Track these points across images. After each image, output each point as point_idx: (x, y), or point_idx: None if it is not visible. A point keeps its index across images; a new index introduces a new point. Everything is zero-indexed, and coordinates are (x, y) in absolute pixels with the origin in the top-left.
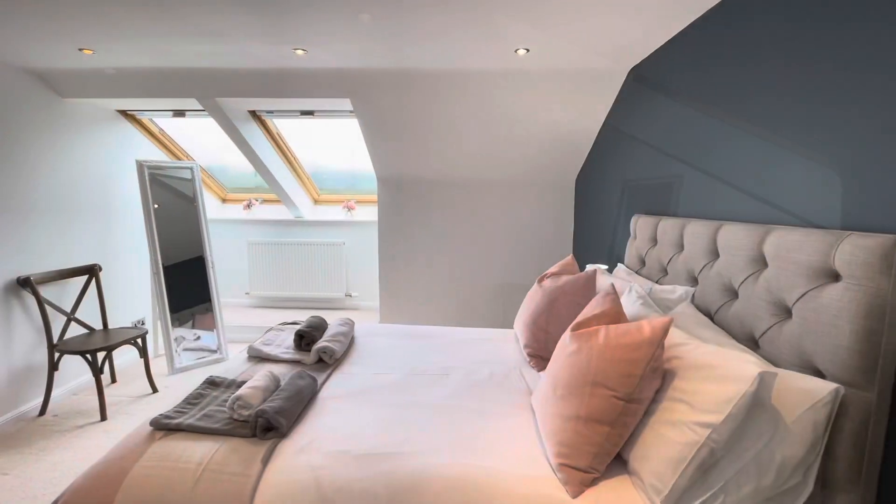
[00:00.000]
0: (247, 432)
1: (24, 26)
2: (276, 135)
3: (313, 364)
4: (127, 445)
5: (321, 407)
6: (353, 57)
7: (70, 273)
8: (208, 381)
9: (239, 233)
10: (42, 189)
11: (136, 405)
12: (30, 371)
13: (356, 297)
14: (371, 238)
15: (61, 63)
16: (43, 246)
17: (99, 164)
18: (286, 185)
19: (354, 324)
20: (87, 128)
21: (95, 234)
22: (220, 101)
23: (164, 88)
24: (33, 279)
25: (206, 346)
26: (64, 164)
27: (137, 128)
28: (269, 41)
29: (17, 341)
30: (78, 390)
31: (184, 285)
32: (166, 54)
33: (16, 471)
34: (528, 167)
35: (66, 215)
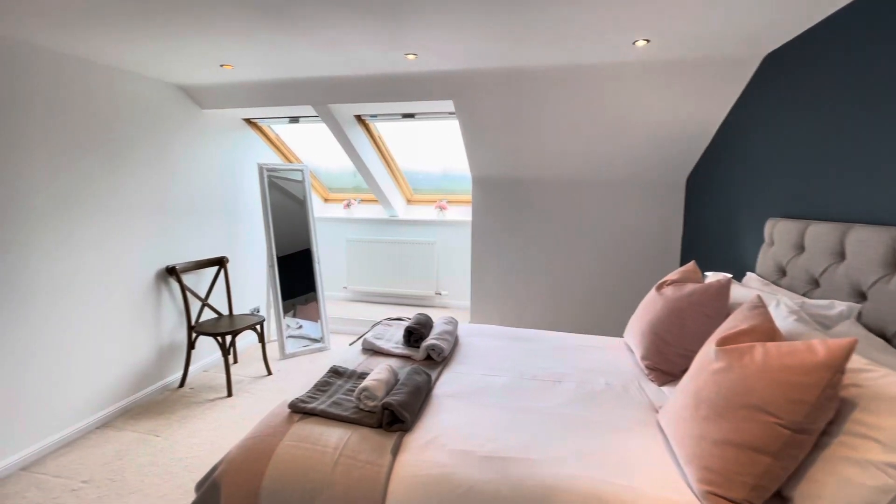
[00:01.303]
0: (373, 422)
1: (177, 48)
2: (377, 137)
3: (422, 360)
4: (271, 424)
5: (437, 404)
6: (460, 59)
7: (204, 264)
8: (332, 370)
9: (338, 230)
10: (184, 190)
11: (254, 385)
12: (172, 348)
13: (445, 295)
14: (461, 237)
15: (204, 79)
16: (184, 240)
17: (227, 168)
18: (384, 185)
19: (458, 323)
20: (219, 135)
21: (223, 229)
22: (331, 108)
23: (285, 97)
24: (178, 268)
25: (307, 335)
26: (201, 168)
27: (258, 134)
28: (382, 48)
29: (164, 321)
30: (208, 367)
31: (289, 278)
32: (289, 66)
33: (164, 434)
34: (634, 165)
35: (202, 213)
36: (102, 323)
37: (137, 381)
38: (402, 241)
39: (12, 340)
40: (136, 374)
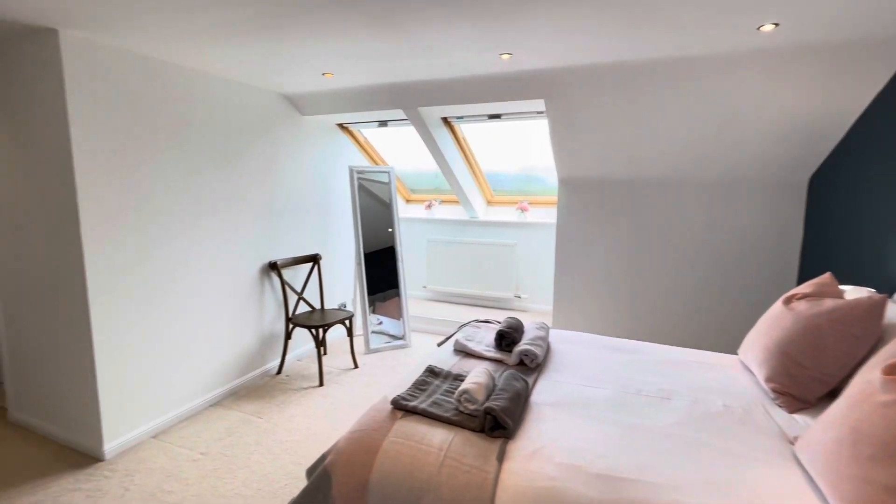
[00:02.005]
0: (475, 426)
1: (285, 60)
2: (462, 139)
3: (515, 365)
4: (375, 419)
5: (538, 413)
6: (556, 56)
7: (300, 260)
8: (429, 369)
9: (420, 231)
10: (285, 191)
11: (343, 377)
12: (272, 337)
13: (525, 298)
14: (543, 240)
15: (305, 87)
16: (284, 237)
17: (321, 170)
18: (465, 186)
19: (549, 328)
20: (316, 139)
21: (317, 228)
22: (420, 110)
23: (378, 102)
24: (279, 264)
25: (386, 331)
26: (299, 171)
27: (349, 138)
28: (477, 49)
29: (265, 312)
30: (301, 357)
31: (372, 275)
32: (384, 72)
33: (265, 416)
34: (744, 164)
35: (299, 212)
36: (216, 312)
37: (243, 366)
38: (482, 242)
39: (147, 327)
40: (242, 359)
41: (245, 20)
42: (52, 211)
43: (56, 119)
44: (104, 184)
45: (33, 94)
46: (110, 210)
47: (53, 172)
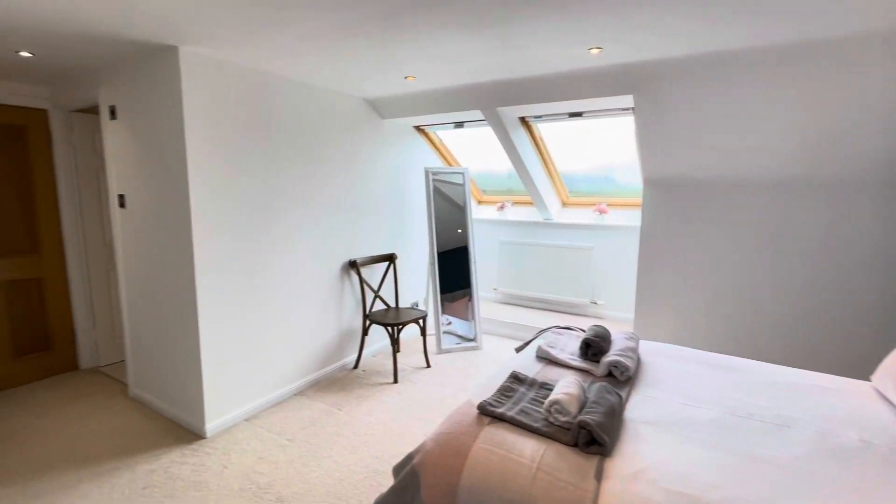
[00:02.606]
0: (567, 439)
1: (369, 65)
2: (539, 139)
3: (603, 377)
4: (462, 422)
5: (634, 431)
6: (652, 48)
7: (377, 259)
8: (513, 375)
9: (491, 232)
10: (365, 192)
11: (415, 375)
12: (350, 333)
13: (602, 305)
14: (623, 243)
15: (387, 91)
16: (363, 237)
17: (398, 171)
18: (541, 187)
19: (639, 339)
20: (394, 142)
21: (393, 228)
22: (499, 111)
23: (456, 103)
24: (358, 262)
25: (454, 331)
26: (378, 172)
27: (425, 140)
28: (566, 44)
29: (345, 308)
30: (376, 353)
31: (442, 275)
32: (464, 73)
33: (345, 409)
34: (869, 160)
35: (377, 212)
36: (302, 306)
37: (323, 358)
38: (557, 245)
39: (243, 317)
40: (323, 352)
41: (335, 30)
42: (170, 210)
43: (174, 125)
44: (210, 185)
45: (158, 103)
46: (214, 209)
47: (172, 175)
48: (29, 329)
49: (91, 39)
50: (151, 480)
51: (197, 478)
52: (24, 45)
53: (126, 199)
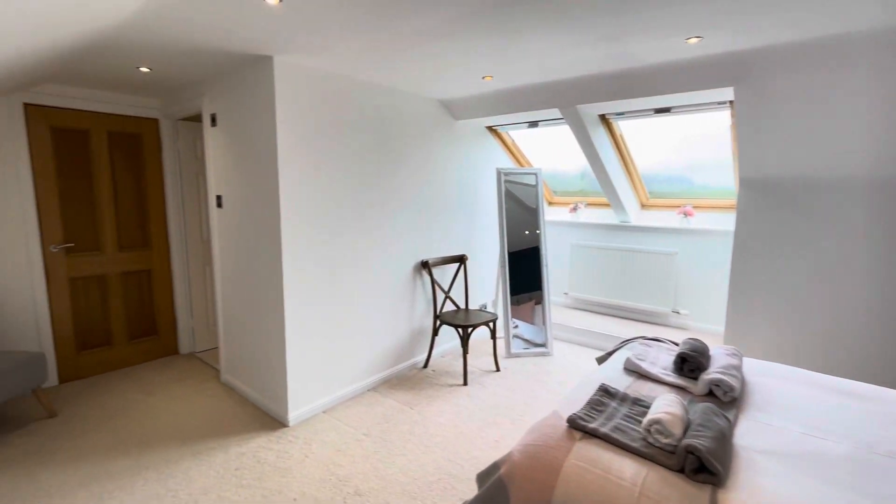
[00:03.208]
0: (671, 463)
1: (446, 67)
2: (619, 137)
3: (702, 396)
4: (551, 435)
5: (748, 460)
6: (756, 34)
7: (448, 260)
8: (602, 389)
9: (563, 234)
10: (438, 192)
11: (485, 378)
12: (421, 332)
13: (685, 315)
14: (709, 249)
15: (461, 93)
16: (435, 237)
17: (470, 172)
18: (619, 188)
19: (743, 356)
20: (466, 142)
21: (464, 229)
22: (578, 108)
23: (533, 102)
24: (430, 262)
25: (521, 335)
26: (451, 173)
27: (497, 140)
28: (662, 34)
29: (416, 308)
30: (444, 354)
31: (511, 278)
32: (544, 70)
33: (417, 408)
34: None
35: (449, 213)
36: (377, 304)
37: (395, 356)
38: (635, 249)
39: (324, 313)
40: (395, 350)
41: (417, 34)
42: (261, 210)
43: (267, 130)
44: (297, 186)
45: (253, 110)
46: (300, 210)
47: (264, 176)
48: (140, 316)
49: (199, 54)
50: (242, 463)
51: (282, 464)
52: (144, 62)
53: (223, 199)
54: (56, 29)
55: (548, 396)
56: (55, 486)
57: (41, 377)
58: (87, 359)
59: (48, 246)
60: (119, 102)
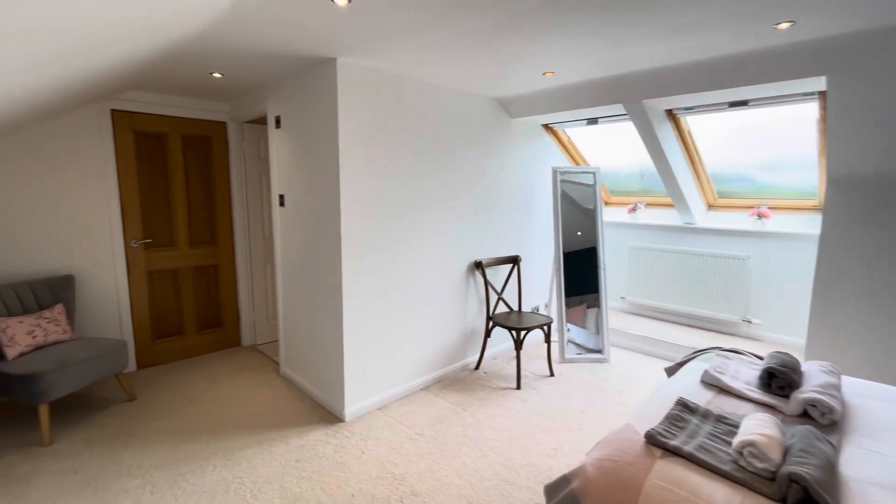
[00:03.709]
0: (769, 492)
1: (506, 63)
2: (687, 133)
3: (794, 417)
4: (628, 451)
5: (862, 494)
6: (862, 16)
7: (502, 261)
8: (682, 403)
9: (620, 236)
10: (492, 192)
11: (539, 383)
12: (473, 333)
13: (758, 325)
14: (788, 254)
15: (517, 90)
16: (489, 237)
17: (525, 171)
18: (685, 187)
19: (841, 374)
20: (521, 141)
21: (518, 229)
22: (645, 104)
23: (596, 98)
24: (483, 263)
25: (573, 339)
26: (505, 172)
27: (552, 138)
28: (747, 21)
29: (469, 308)
30: (496, 356)
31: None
32: (609, 64)
33: (469, 410)
34: None
35: (503, 213)
36: (431, 303)
37: (447, 357)
38: (701, 252)
39: (380, 310)
40: (447, 351)
41: (477, 31)
42: (321, 209)
43: (330, 131)
44: (357, 186)
45: (316, 112)
46: (359, 209)
47: (325, 176)
48: (207, 309)
49: (267, 59)
50: (302, 455)
51: (339, 458)
52: (216, 68)
53: (285, 198)
54: (151, 33)
55: (606, 405)
56: (135, 466)
57: (123, 363)
58: (162, 347)
59: (130, 241)
60: (192, 107)
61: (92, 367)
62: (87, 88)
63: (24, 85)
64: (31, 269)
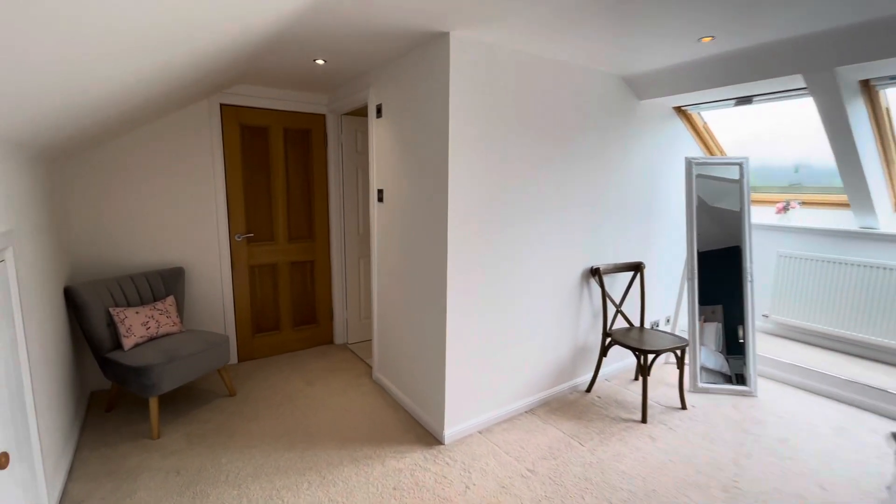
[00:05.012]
0: None
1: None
2: (884, 111)
3: None
4: None
5: None
6: None
7: (622, 268)
8: None
9: (766, 240)
10: (613, 186)
11: (669, 417)
12: (584, 350)
13: None
14: None
15: (657, 62)
16: (606, 240)
17: (651, 162)
18: (872, 182)
19: None
20: (649, 126)
21: (639, 231)
22: (837, 72)
23: (763, 67)
24: (601, 270)
25: (704, 364)
26: (629, 163)
27: (685, 123)
28: None
29: (581, 321)
30: (609, 377)
31: (701, 290)
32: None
33: (587, 445)
34: None
35: (624, 211)
36: (539, 315)
37: (555, 376)
38: (883, 265)
39: (484, 321)
40: (556, 369)
41: None
42: (425, 206)
43: (439, 117)
44: (467, 180)
45: (423, 96)
46: (468, 205)
47: (431, 169)
48: (303, 305)
49: (373, 37)
50: (399, 481)
51: (441, 492)
52: (319, 53)
53: (384, 193)
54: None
55: (768, 459)
56: (233, 473)
57: (226, 357)
58: (260, 341)
59: (234, 235)
60: (293, 99)
61: (198, 362)
62: (197, 78)
63: (136, 72)
64: (146, 261)
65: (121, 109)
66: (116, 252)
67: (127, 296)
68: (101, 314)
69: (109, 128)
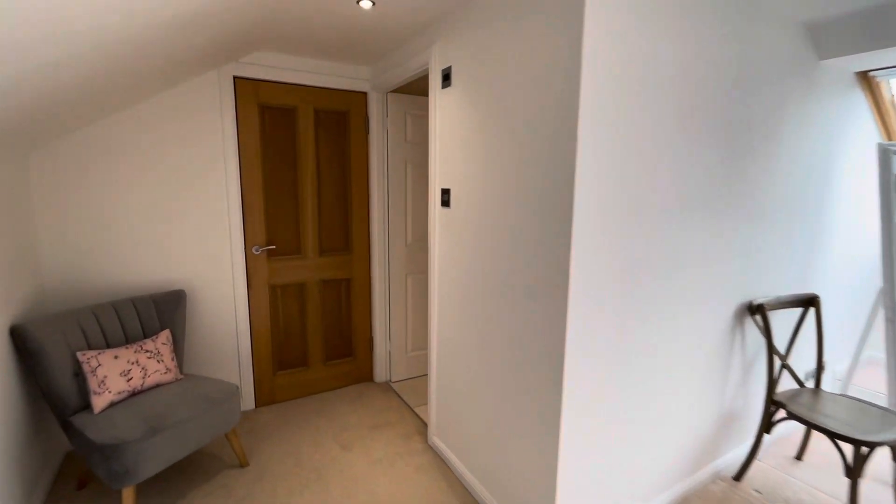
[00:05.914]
0: None
1: None
2: None
3: None
4: None
5: None
6: None
7: (790, 303)
8: None
9: None
10: (775, 187)
11: None
12: (731, 417)
13: None
14: None
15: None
16: (767, 263)
17: (822, 150)
18: None
19: None
20: (824, 101)
21: (806, 247)
22: None
23: None
24: (765, 306)
25: None
26: (797, 151)
27: (867, 97)
28: None
29: (730, 380)
30: (764, 457)
31: None
32: None
33: None
34: None
35: (786, 222)
36: (676, 375)
37: (694, 459)
38: None
39: (613, 386)
40: (695, 449)
41: None
42: (528, 214)
43: (560, 78)
44: (594, 174)
45: (527, 43)
46: (595, 215)
47: (541, 164)
48: (337, 333)
49: None
50: None
51: None
52: None
53: (451, 195)
54: None
55: None
56: None
57: (234, 418)
58: (283, 380)
59: (251, 248)
60: (328, 72)
61: (194, 431)
62: (206, 36)
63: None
64: (135, 282)
65: (96, 83)
66: (95, 271)
67: (105, 332)
68: (64, 361)
69: (82, 105)
